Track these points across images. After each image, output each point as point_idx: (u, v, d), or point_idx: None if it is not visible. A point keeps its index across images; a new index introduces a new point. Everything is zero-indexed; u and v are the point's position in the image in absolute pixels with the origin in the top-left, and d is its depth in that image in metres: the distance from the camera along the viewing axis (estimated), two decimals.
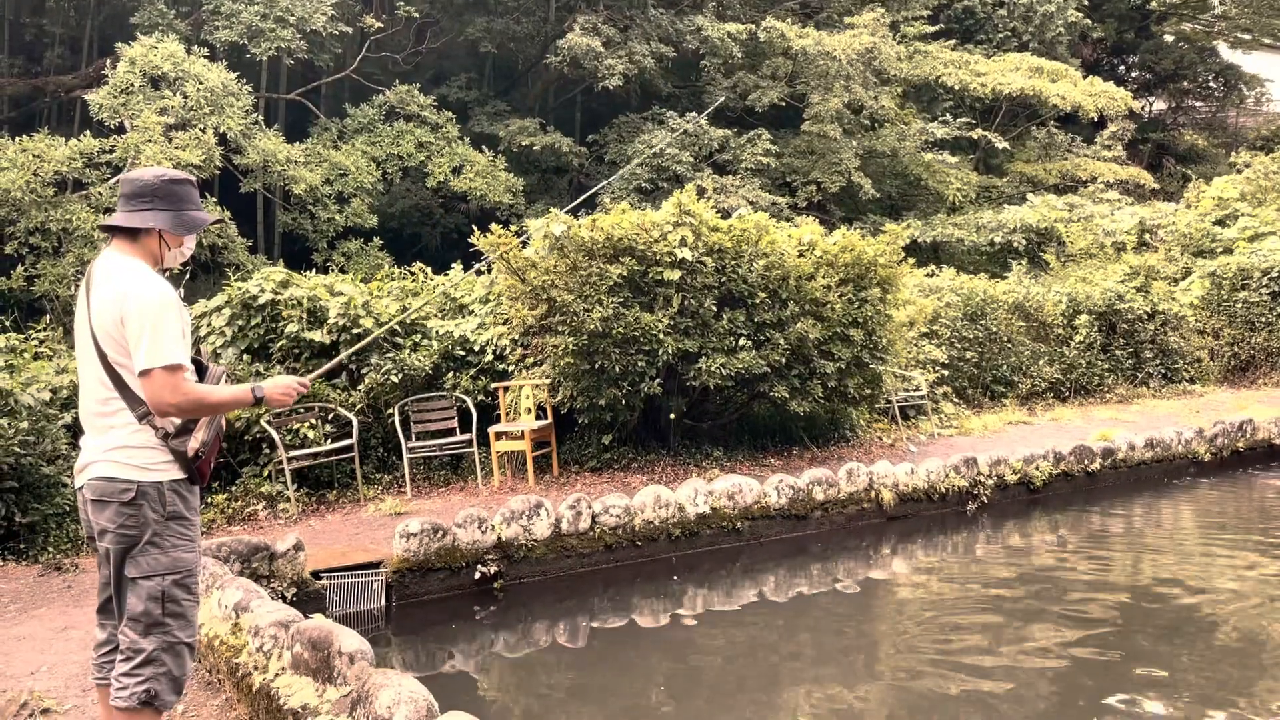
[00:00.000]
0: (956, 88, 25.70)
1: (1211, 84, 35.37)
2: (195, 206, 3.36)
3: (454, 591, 6.47)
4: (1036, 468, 9.16)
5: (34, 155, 16.09)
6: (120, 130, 17.52)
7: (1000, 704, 4.77)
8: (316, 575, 6.20)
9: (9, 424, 7.15)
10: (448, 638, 6.08)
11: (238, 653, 4.37)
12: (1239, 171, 22.52)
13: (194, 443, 3.21)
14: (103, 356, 3.16)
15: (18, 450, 7.08)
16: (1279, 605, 6.20)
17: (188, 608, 3.23)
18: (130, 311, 3.08)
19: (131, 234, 3.26)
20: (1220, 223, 18.94)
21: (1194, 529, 8.43)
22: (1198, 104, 36.14)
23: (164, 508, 3.17)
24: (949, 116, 25.09)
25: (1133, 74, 35.44)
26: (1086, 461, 9.53)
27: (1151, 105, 35.21)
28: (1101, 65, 34.42)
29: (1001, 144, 25.49)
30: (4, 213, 15.89)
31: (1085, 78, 27.10)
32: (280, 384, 3.39)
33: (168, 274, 3.42)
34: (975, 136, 25.07)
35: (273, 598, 4.91)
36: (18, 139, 16.64)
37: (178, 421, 3.19)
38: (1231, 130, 35.43)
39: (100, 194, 16.61)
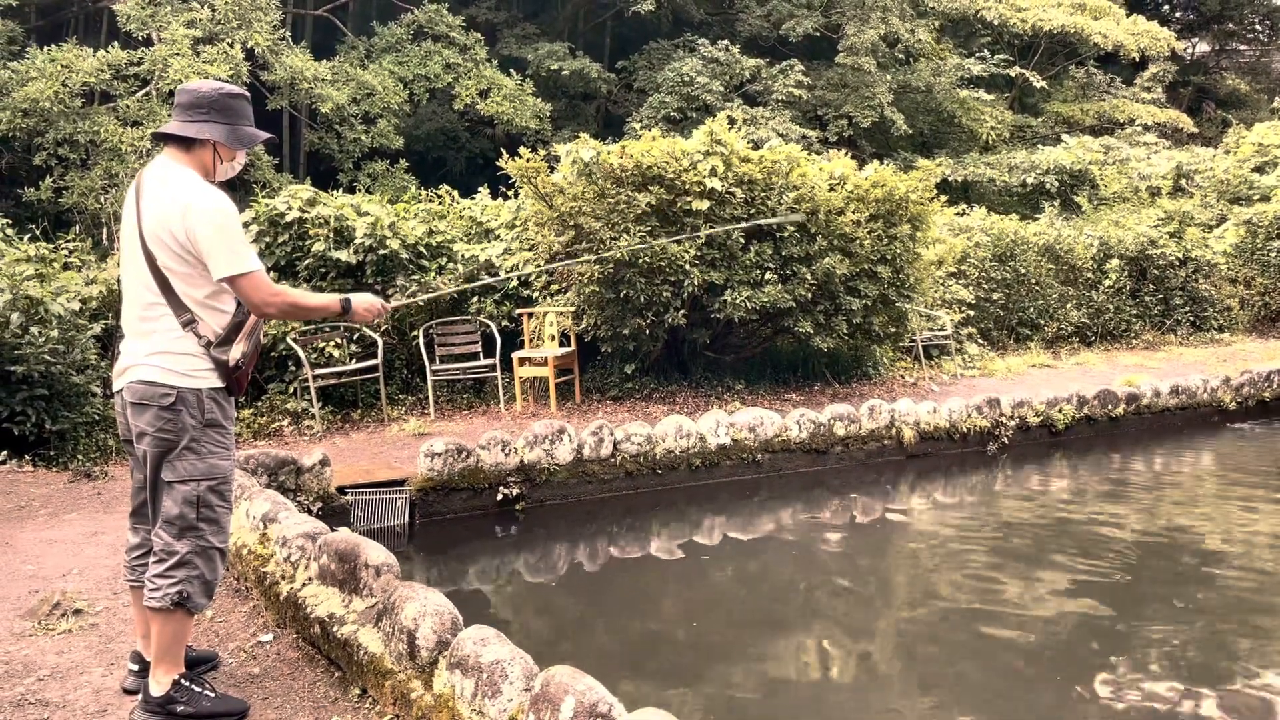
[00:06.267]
0: (996, 23, 25.06)
1: (1257, 26, 34.36)
2: (249, 122, 3.39)
3: (476, 512, 6.56)
4: (1059, 410, 9.13)
5: (62, 65, 15.99)
6: (148, 42, 17.38)
7: (1010, 644, 4.81)
8: (342, 491, 6.29)
9: (39, 332, 7.22)
10: (469, 556, 6.17)
11: (265, 562, 4.45)
12: None
13: (234, 353, 3.25)
14: (151, 261, 3.17)
15: (48, 358, 7.16)
16: None
17: (221, 514, 3.29)
18: (198, 222, 3.10)
19: (185, 144, 3.28)
20: (1259, 169, 18.59)
21: (1215, 477, 8.41)
22: (1242, 47, 35.15)
23: (202, 414, 3.21)
24: (986, 53, 24.53)
25: (1177, 14, 34.45)
26: (1110, 406, 9.49)
27: (1195, 47, 34.33)
28: (1145, 3, 33.48)
29: (1039, 83, 24.91)
30: (32, 123, 15.84)
31: (1128, 16, 26.39)
32: (367, 301, 3.52)
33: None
34: (1012, 74, 24.51)
35: (299, 511, 4.97)
36: (46, 48, 16.53)
37: (220, 331, 3.23)
38: (1275, 75, 34.47)
39: (128, 106, 16.52)
